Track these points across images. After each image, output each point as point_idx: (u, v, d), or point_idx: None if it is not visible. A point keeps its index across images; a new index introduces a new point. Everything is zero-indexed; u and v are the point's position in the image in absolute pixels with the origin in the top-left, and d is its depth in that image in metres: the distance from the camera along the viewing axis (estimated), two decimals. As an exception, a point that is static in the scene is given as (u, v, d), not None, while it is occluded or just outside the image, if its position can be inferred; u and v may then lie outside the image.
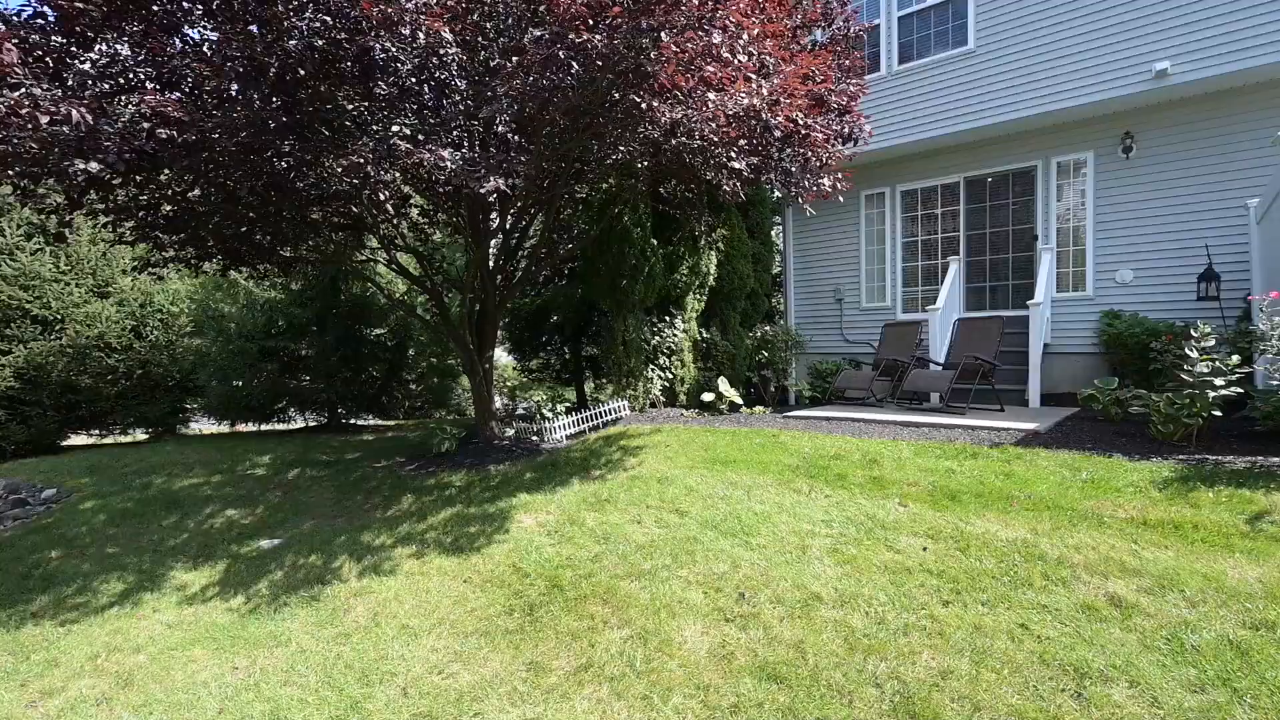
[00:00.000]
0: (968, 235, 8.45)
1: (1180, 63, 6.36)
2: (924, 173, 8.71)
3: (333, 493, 6.36)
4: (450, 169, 4.15)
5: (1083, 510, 3.62)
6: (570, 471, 5.59)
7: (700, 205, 7.05)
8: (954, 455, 4.79)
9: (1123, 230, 7.21)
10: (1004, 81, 7.44)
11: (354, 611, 3.75)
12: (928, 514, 3.83)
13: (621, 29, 3.83)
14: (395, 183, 6.22)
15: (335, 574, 4.27)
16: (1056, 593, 2.89)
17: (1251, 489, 3.56)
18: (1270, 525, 3.19)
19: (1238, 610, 2.60)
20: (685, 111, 4.33)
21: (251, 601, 4.07)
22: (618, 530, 4.19)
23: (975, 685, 2.40)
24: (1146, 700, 2.22)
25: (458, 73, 5.04)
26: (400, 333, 11.14)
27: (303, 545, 4.90)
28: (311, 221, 5.99)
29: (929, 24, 8.11)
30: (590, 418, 7.31)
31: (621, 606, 3.30)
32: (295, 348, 9.93)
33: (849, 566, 3.36)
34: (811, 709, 2.40)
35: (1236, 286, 6.42)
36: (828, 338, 9.72)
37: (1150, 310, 6.92)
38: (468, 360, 6.96)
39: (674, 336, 8.14)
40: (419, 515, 5.18)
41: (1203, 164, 6.71)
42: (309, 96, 4.43)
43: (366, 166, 4.11)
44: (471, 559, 4.17)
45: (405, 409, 12.75)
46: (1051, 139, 7.63)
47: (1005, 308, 8.08)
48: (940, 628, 2.76)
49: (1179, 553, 3.08)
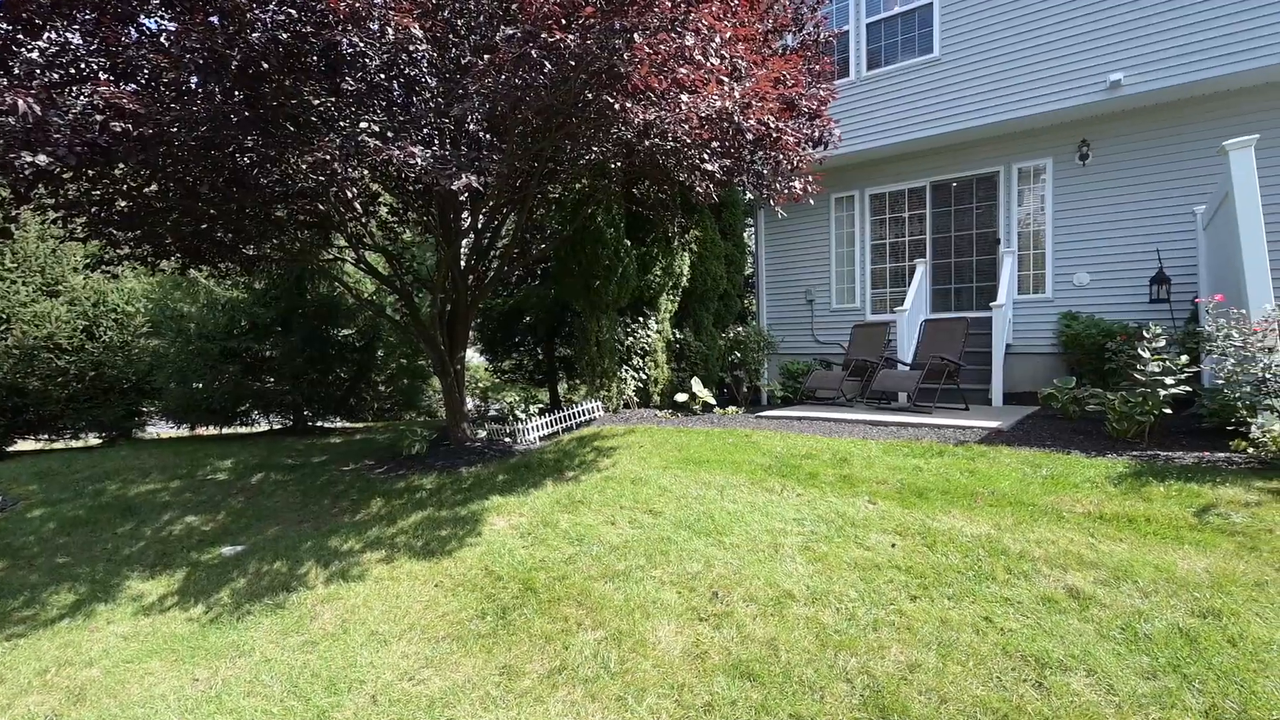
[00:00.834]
0: (934, 238, 8.66)
1: (1133, 74, 6.62)
2: (892, 176, 8.90)
3: (299, 497, 6.20)
4: (421, 166, 4.08)
5: (1043, 505, 3.74)
6: (543, 473, 5.55)
7: (673, 206, 7.08)
8: (921, 454, 4.90)
9: (1080, 234, 7.48)
10: (968, 89, 7.64)
11: (321, 618, 3.66)
12: (896, 511, 3.91)
13: (594, 29, 3.83)
14: (363, 180, 6.10)
15: (301, 580, 4.17)
16: (1018, 586, 2.98)
17: (1199, 483, 3.73)
18: (1216, 518, 3.34)
19: (1187, 599, 2.71)
20: (658, 113, 4.34)
21: (213, 610, 3.95)
22: (591, 531, 4.18)
23: (942, 678, 2.45)
24: (1103, 688, 2.30)
25: (428, 70, 4.97)
26: (369, 333, 10.93)
27: (267, 551, 4.77)
28: (276, 219, 5.84)
29: (896, 31, 8.29)
30: (564, 419, 7.27)
31: (595, 608, 3.29)
32: (259, 348, 9.66)
33: (820, 564, 3.41)
34: (784, 705, 2.43)
35: (1185, 289, 6.71)
36: (799, 338, 9.85)
37: (1106, 312, 7.18)
38: (438, 361, 6.86)
39: (648, 337, 8.16)
40: (388, 519, 5.09)
41: (1154, 171, 6.99)
42: (273, 91, 4.32)
43: (333, 163, 4.03)
44: (443, 563, 4.12)
45: (374, 411, 12.51)
46: (1013, 145, 7.87)
47: (970, 309, 8.30)
48: (908, 622, 2.82)
49: (1133, 545, 3.20)
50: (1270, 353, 4.20)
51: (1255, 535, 3.13)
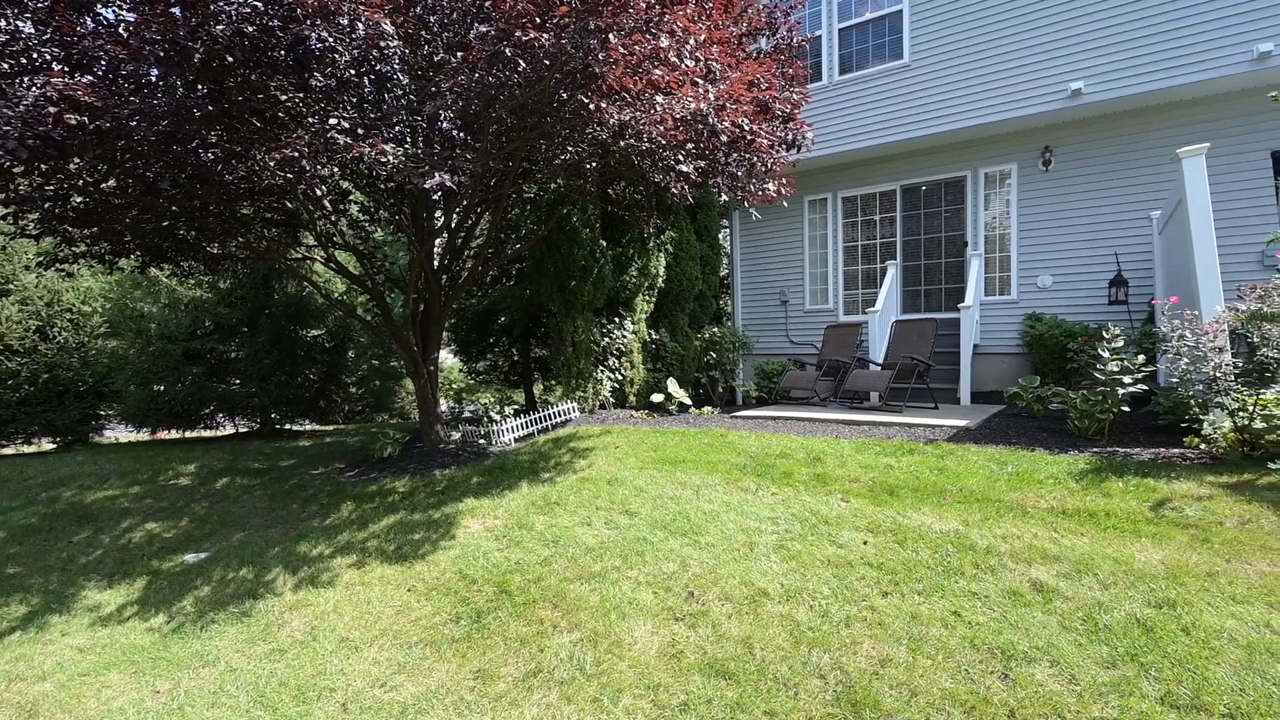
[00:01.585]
0: (904, 241, 8.83)
1: (1093, 83, 6.84)
2: (863, 180, 9.05)
3: (266, 502, 6.05)
4: (392, 164, 4.02)
5: (1009, 502, 3.84)
6: (518, 475, 5.51)
7: (649, 207, 7.09)
8: (892, 452, 4.99)
9: (1043, 238, 7.70)
10: (936, 95, 7.81)
11: (289, 626, 3.58)
12: (868, 509, 3.98)
13: (569, 29, 3.81)
14: (333, 178, 5.99)
15: (268, 587, 4.06)
16: (985, 580, 3.05)
17: (1155, 479, 3.87)
18: (1171, 511, 3.47)
19: (1144, 591, 2.81)
20: (633, 114, 4.35)
21: (175, 620, 3.83)
22: (567, 533, 4.16)
23: (912, 672, 2.50)
24: (1066, 678, 2.37)
25: (400, 67, 4.91)
26: (339, 334, 10.73)
27: (232, 558, 4.64)
28: (241, 217, 5.69)
29: (868, 37, 8.44)
30: (539, 420, 7.23)
31: (571, 610, 3.27)
32: (224, 349, 9.40)
33: (794, 562, 3.44)
34: (759, 703, 2.45)
35: (1143, 291, 6.96)
36: (773, 339, 9.96)
37: (1068, 313, 7.41)
38: (411, 362, 6.76)
39: (623, 338, 8.16)
40: (359, 523, 5.00)
41: (1113, 177, 7.24)
42: (238, 85, 4.21)
43: (302, 160, 3.94)
44: (416, 567, 4.06)
45: (345, 413, 12.28)
46: (980, 151, 8.06)
47: (939, 310, 8.48)
48: (880, 618, 2.87)
49: (1093, 539, 3.30)
50: (1220, 352, 4.38)
51: (1207, 528, 3.26)
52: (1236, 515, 3.33)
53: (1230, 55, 6.16)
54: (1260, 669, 2.28)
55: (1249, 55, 6.05)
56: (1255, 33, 6.03)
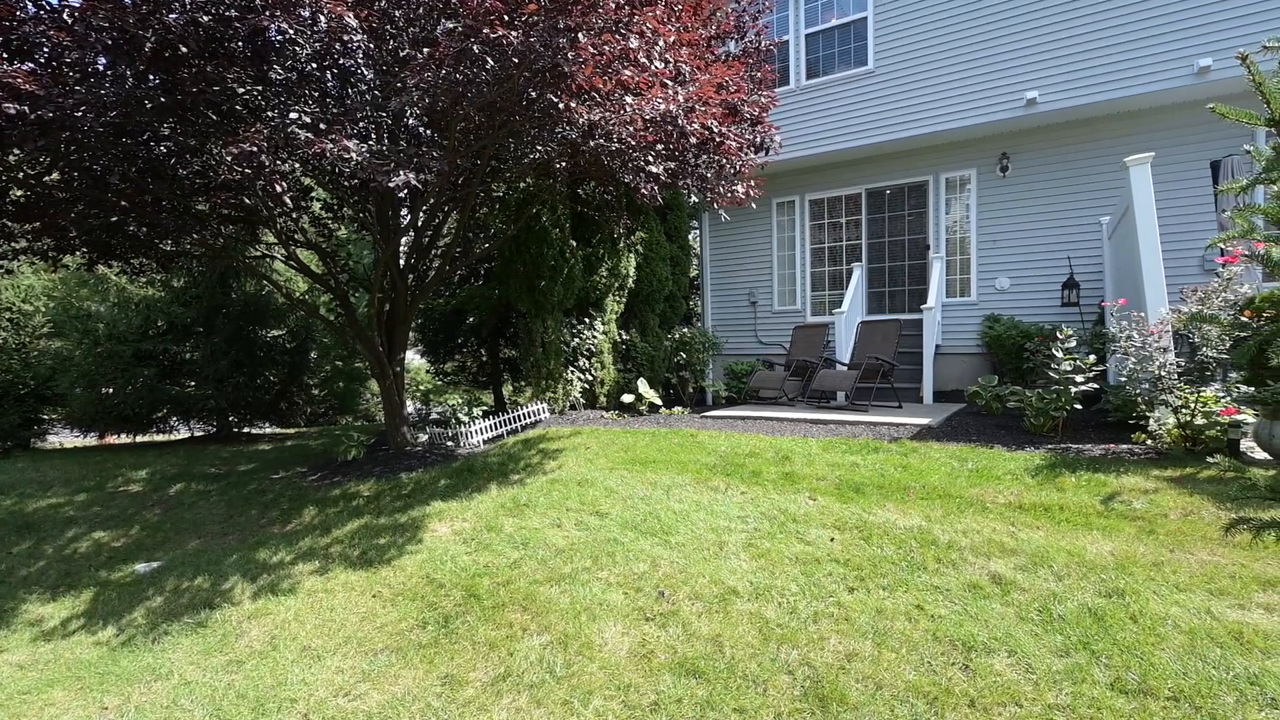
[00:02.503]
0: (869, 243, 9.02)
1: (1047, 93, 7.10)
2: (830, 183, 9.21)
3: (223, 508, 5.85)
4: (356, 161, 3.93)
5: (969, 497, 3.96)
6: (488, 477, 5.44)
7: (619, 208, 7.09)
8: (858, 450, 5.09)
9: (1001, 242, 7.95)
10: (900, 101, 8.00)
11: (248, 636, 3.46)
12: (835, 506, 4.05)
13: (538, 27, 3.79)
14: (294, 174, 5.82)
15: (226, 596, 3.93)
16: (947, 574, 3.14)
17: (1105, 473, 4.03)
18: (1120, 505, 3.62)
19: (1095, 581, 2.93)
20: (603, 114, 4.34)
21: (125, 633, 3.67)
22: (537, 535, 4.13)
23: (877, 665, 2.55)
24: (1023, 667, 2.45)
25: (364, 61, 4.81)
26: (301, 334, 10.44)
27: (187, 567, 4.47)
28: (197, 213, 5.49)
29: (834, 43, 8.59)
30: (508, 421, 7.16)
31: (541, 612, 3.25)
32: (178, 350, 9.05)
33: (763, 560, 3.48)
34: (728, 700, 2.47)
35: (1094, 293, 7.25)
36: (743, 339, 10.06)
37: (1024, 314, 7.67)
38: (377, 363, 6.62)
39: (594, 338, 8.13)
40: (322, 528, 4.87)
41: (1066, 184, 7.52)
42: (193, 76, 4.06)
43: (261, 155, 3.82)
44: (381, 572, 3.97)
45: (307, 416, 11.96)
46: (941, 156, 8.29)
47: (903, 311, 8.69)
48: (846, 613, 2.92)
49: (1048, 532, 3.43)
50: (1165, 352, 4.59)
51: (1153, 520, 3.41)
52: (1180, 507, 3.49)
53: (1173, 69, 6.46)
54: (1201, 653, 2.39)
55: (1190, 69, 6.36)
56: (1196, 48, 6.34)
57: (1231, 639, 2.45)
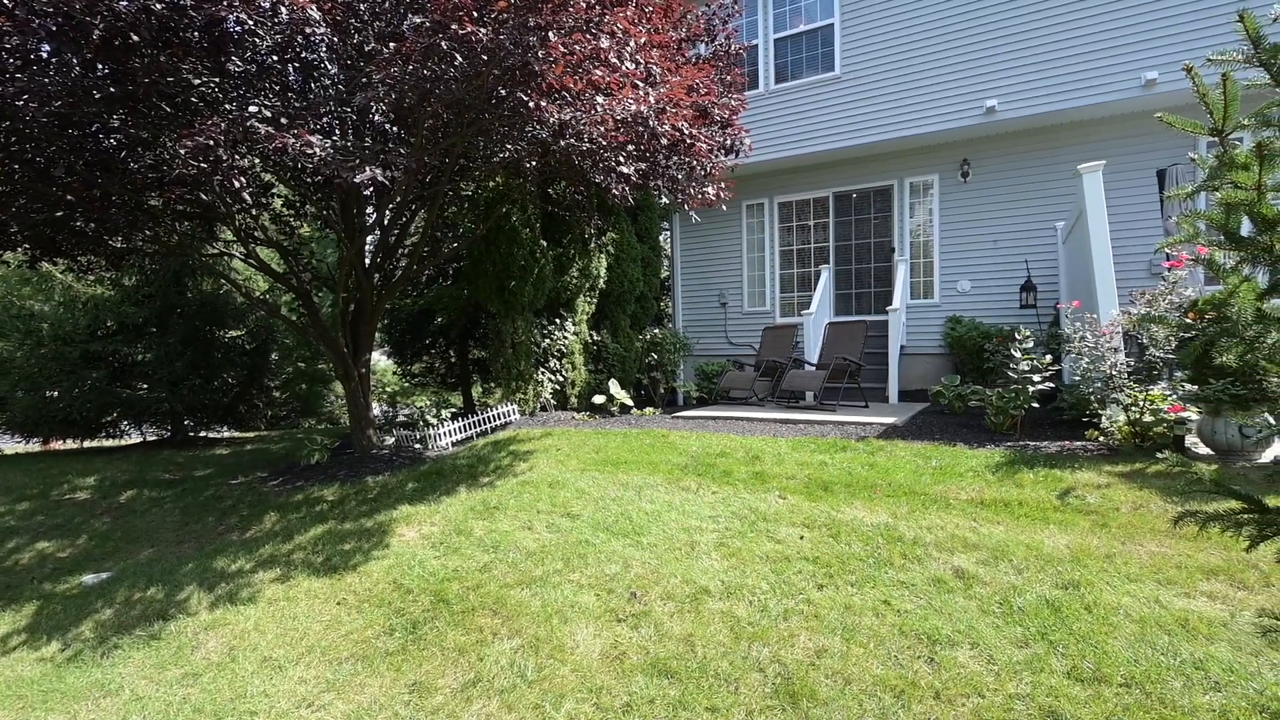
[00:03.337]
0: (837, 246, 9.18)
1: (1005, 101, 7.33)
2: (799, 186, 9.35)
3: (178, 515, 5.63)
4: (320, 157, 3.83)
5: (933, 494, 4.06)
6: (457, 480, 5.36)
7: (590, 208, 7.07)
8: (826, 449, 5.17)
9: (962, 245, 8.18)
10: (865, 107, 8.16)
11: (205, 647, 3.34)
12: (804, 505, 4.10)
13: (508, 25, 3.75)
14: (254, 169, 5.65)
15: (181, 607, 3.78)
16: (913, 570, 3.21)
17: (1061, 469, 4.18)
18: (1075, 499, 3.76)
19: (1052, 574, 3.03)
20: (574, 113, 4.32)
21: (71, 648, 3.50)
22: (508, 538, 4.08)
23: (846, 660, 2.59)
24: (985, 659, 2.52)
25: (327, 55, 4.69)
26: (262, 335, 10.12)
27: (139, 577, 4.29)
28: (149, 209, 5.28)
29: (801, 49, 8.72)
30: (478, 423, 7.06)
31: (512, 616, 3.21)
32: (129, 352, 8.68)
33: (734, 559, 3.51)
34: (700, 699, 2.48)
35: (1049, 296, 7.51)
36: (713, 340, 10.13)
37: (984, 316, 7.90)
38: (341, 364, 6.46)
39: (564, 339, 8.09)
40: (284, 535, 4.73)
41: (1023, 189, 7.78)
42: (145, 66, 3.90)
43: (218, 149, 3.69)
44: (346, 578, 3.87)
45: (268, 419, 11.61)
46: (905, 161, 8.49)
47: (869, 313, 8.86)
48: (816, 610, 2.96)
49: (1008, 527, 3.53)
50: (1116, 352, 4.78)
51: (1106, 514, 3.55)
52: (1130, 501, 3.64)
53: (1122, 81, 6.74)
54: (1151, 640, 2.49)
55: (1138, 81, 6.64)
56: (1143, 61, 6.62)
57: (1178, 626, 2.56)
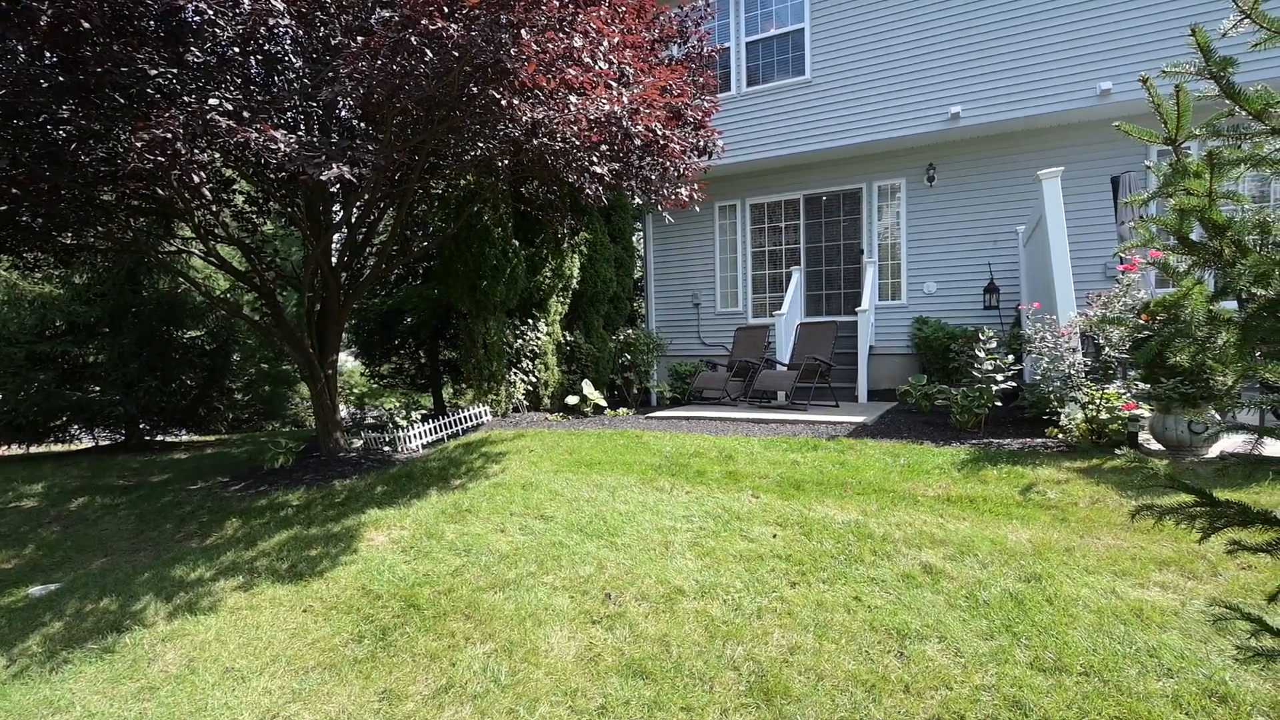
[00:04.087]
0: (807, 247, 9.31)
1: (969, 108, 7.53)
2: (771, 188, 9.45)
3: (133, 523, 5.42)
4: (284, 152, 3.73)
5: (902, 492, 4.14)
6: (427, 482, 5.27)
7: (563, 208, 7.03)
8: (798, 448, 5.23)
9: (929, 248, 8.38)
10: (836, 111, 8.30)
11: (162, 659, 3.22)
12: (777, 504, 4.15)
13: (480, 20, 3.70)
14: (214, 164, 5.47)
15: (137, 618, 3.63)
16: (882, 566, 3.27)
17: (1023, 466, 4.30)
18: (1036, 495, 3.88)
19: (1015, 567, 3.12)
20: (547, 112, 4.29)
21: (17, 663, 3.33)
22: (480, 541, 4.03)
23: (819, 657, 2.63)
24: (952, 652, 2.58)
25: (292, 48, 4.57)
26: (223, 335, 9.82)
27: (91, 588, 4.12)
28: (102, 203, 5.07)
29: (773, 52, 8.82)
30: (449, 425, 6.96)
31: (485, 620, 3.17)
32: (80, 353, 8.33)
33: (709, 558, 3.52)
34: (676, 699, 2.48)
35: (1011, 297, 7.73)
36: (686, 341, 10.17)
37: (950, 317, 8.10)
38: (307, 365, 6.30)
39: (537, 339, 8.03)
40: (247, 541, 4.59)
41: (986, 194, 8.00)
42: (98, 55, 3.74)
43: (176, 142, 3.56)
44: (313, 585, 3.77)
45: (229, 422, 11.26)
46: (874, 165, 8.65)
47: (839, 313, 9.01)
48: (789, 607, 2.99)
49: (974, 523, 3.63)
50: (1074, 352, 4.95)
51: (1065, 508, 3.67)
52: (1088, 496, 3.77)
53: (1079, 91, 6.99)
54: (1108, 630, 2.59)
55: (1093, 91, 6.89)
56: (1098, 72, 6.88)
57: (1134, 616, 2.66)
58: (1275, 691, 2.15)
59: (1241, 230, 1.22)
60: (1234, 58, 1.22)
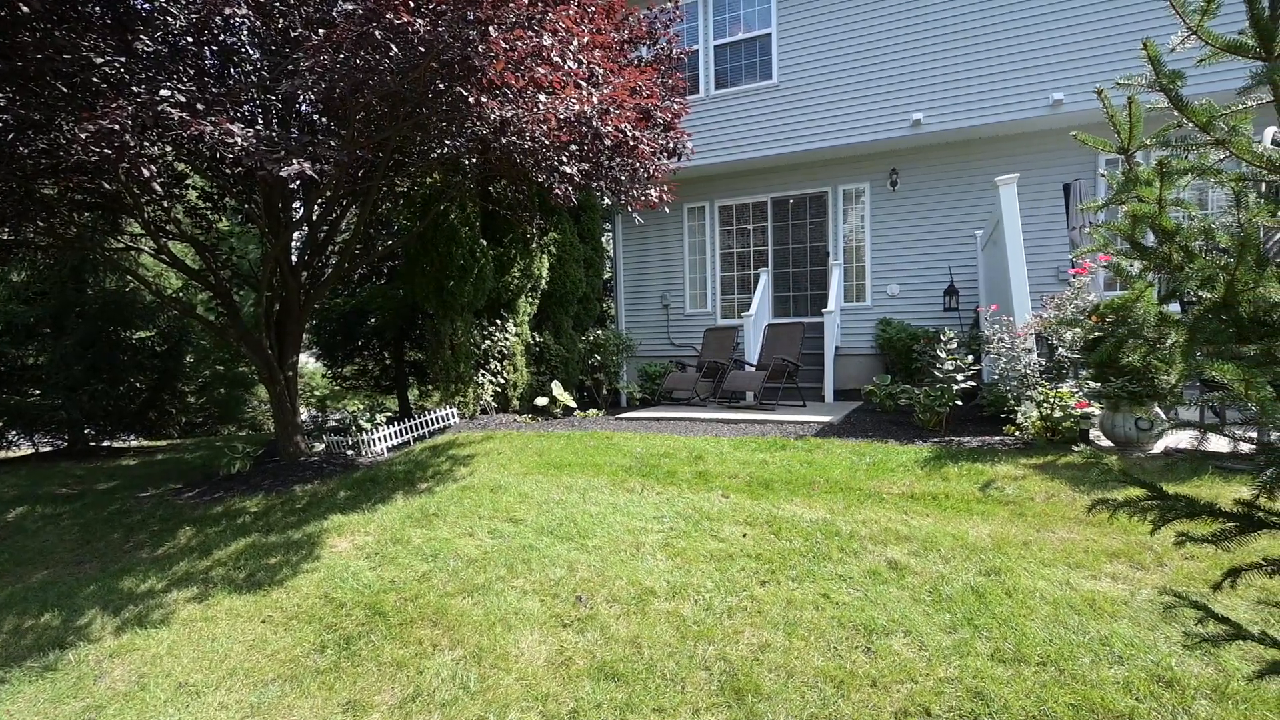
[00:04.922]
0: (775, 249, 9.43)
1: (930, 115, 7.74)
2: (739, 190, 9.55)
3: (77, 533, 5.16)
4: (241, 146, 3.60)
5: (868, 489, 4.22)
6: (392, 486, 5.16)
7: (531, 207, 6.97)
8: (767, 448, 5.29)
9: (892, 250, 8.58)
10: (802, 115, 8.43)
11: (110, 676, 3.07)
12: (747, 503, 4.18)
13: (447, 16, 3.64)
14: (165, 157, 5.25)
15: (82, 633, 3.46)
16: (849, 563, 3.33)
17: (982, 463, 4.44)
18: (995, 491, 4.00)
19: (976, 562, 3.21)
20: (516, 111, 4.25)
21: (-52, 685, 3.13)
22: (448, 545, 3.96)
23: (789, 654, 2.66)
24: (917, 646, 2.64)
25: (249, 39, 4.42)
26: (175, 335, 9.44)
27: (31, 602, 3.90)
28: (42, 198, 4.82)
29: (741, 56, 8.91)
30: (415, 427, 6.83)
31: (453, 626, 3.11)
32: (18, 354, 7.90)
33: (680, 559, 3.53)
34: (648, 701, 2.48)
35: (970, 299, 7.97)
36: (656, 341, 10.19)
37: (913, 318, 8.31)
38: (265, 367, 6.09)
39: (506, 340, 7.94)
40: (201, 550, 4.41)
41: (947, 198, 8.23)
42: (38, 41, 3.55)
43: (124, 134, 3.40)
44: (272, 594, 3.65)
45: (182, 426, 10.83)
46: (839, 169, 8.82)
47: (806, 314, 9.15)
48: (759, 606, 3.02)
49: (936, 519, 3.72)
50: (1029, 353, 5.13)
51: (1022, 504, 3.80)
52: (1044, 491, 3.90)
53: (1032, 100, 7.25)
54: (1063, 621, 2.68)
55: (1046, 101, 7.16)
56: (1051, 83, 7.14)
57: (1087, 606, 2.76)
58: (1217, 676, 2.26)
59: (1189, 236, 1.28)
60: (1182, 71, 1.28)
